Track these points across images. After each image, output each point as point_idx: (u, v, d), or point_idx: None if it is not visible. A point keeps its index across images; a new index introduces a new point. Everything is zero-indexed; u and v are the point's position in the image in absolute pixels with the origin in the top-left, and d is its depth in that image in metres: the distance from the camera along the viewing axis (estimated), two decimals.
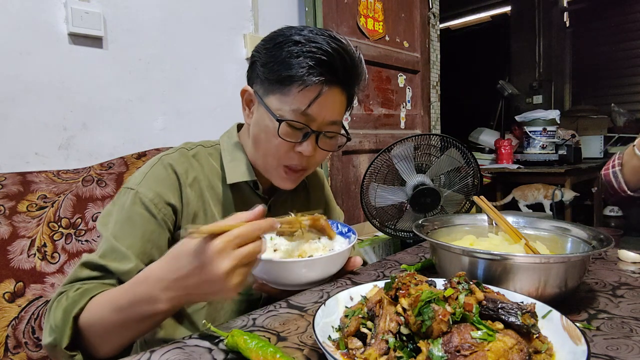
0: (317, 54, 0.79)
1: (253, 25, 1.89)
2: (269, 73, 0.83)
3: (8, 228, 0.98)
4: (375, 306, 0.53)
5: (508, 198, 3.38)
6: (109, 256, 0.75)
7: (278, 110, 0.82)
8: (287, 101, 0.81)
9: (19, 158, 1.28)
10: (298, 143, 0.84)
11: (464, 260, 0.70)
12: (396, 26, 2.58)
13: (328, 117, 0.84)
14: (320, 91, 0.80)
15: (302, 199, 1.07)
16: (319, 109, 0.82)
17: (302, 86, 0.79)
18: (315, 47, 0.79)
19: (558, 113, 3.51)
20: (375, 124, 2.45)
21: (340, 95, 0.85)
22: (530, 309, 0.48)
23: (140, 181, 0.82)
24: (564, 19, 4.82)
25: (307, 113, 0.81)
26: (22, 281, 0.96)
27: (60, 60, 1.35)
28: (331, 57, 0.80)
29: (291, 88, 0.80)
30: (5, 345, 0.93)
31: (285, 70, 0.80)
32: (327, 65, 0.80)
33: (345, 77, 0.84)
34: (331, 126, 0.86)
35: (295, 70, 0.79)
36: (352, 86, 0.87)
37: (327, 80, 0.80)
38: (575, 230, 0.83)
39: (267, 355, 0.51)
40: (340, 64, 0.81)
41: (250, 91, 0.89)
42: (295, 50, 0.79)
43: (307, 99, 0.80)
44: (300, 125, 0.82)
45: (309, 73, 0.78)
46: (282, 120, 0.81)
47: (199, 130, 1.70)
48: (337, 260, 0.80)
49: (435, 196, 1.22)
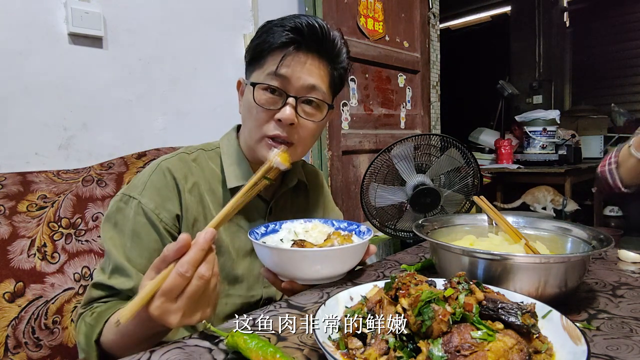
0: (292, 24, 0.83)
1: (253, 25, 1.89)
2: (251, 53, 0.87)
3: (8, 228, 0.98)
4: (375, 306, 0.53)
5: (517, 203, 3.35)
6: (116, 275, 0.78)
7: (258, 81, 0.85)
8: (263, 70, 0.84)
9: (19, 158, 1.28)
10: (277, 110, 0.84)
11: (464, 260, 0.70)
12: (396, 26, 2.57)
13: (303, 80, 0.84)
14: (288, 50, 0.82)
15: (303, 200, 1.07)
16: (291, 70, 0.83)
17: (272, 50, 0.83)
18: (293, 21, 0.84)
19: (558, 113, 3.51)
20: (375, 124, 2.45)
21: (315, 60, 0.86)
22: (530, 309, 0.48)
23: (142, 190, 0.83)
24: (564, 19, 4.83)
25: (279, 74, 0.83)
26: (22, 281, 0.96)
27: (60, 60, 1.35)
28: (301, 24, 0.83)
29: (266, 58, 0.84)
30: (5, 345, 0.93)
31: (262, 45, 0.84)
32: (296, 30, 0.83)
33: (315, 41, 0.85)
34: (311, 92, 0.86)
35: (270, 41, 0.83)
36: (328, 55, 0.87)
37: (295, 40, 0.82)
38: (575, 230, 0.83)
39: (267, 355, 0.51)
40: (309, 29, 0.84)
41: (242, 80, 0.93)
42: (273, 28, 0.84)
43: (277, 60, 0.83)
44: (275, 89, 0.84)
45: (278, 37, 0.82)
46: (255, 83, 0.84)
47: (199, 130, 1.70)
48: (354, 252, 0.81)
49: (435, 196, 1.22)
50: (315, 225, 0.89)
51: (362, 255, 0.84)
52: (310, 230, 0.87)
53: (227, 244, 0.88)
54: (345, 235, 0.86)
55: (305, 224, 0.90)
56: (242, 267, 0.90)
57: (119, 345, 0.70)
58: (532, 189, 3.31)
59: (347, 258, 0.80)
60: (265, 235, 0.87)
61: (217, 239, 0.86)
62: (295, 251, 0.76)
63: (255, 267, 0.91)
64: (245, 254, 0.91)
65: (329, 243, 0.82)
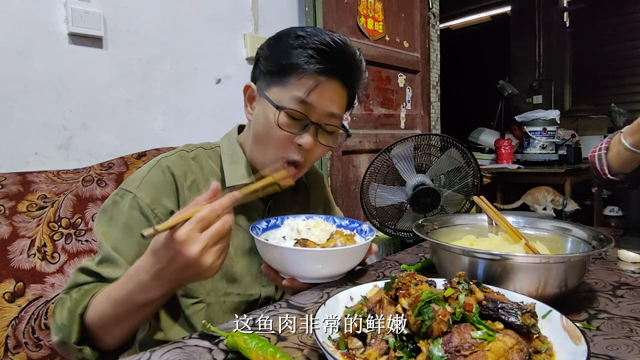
0: (317, 44, 0.81)
1: (253, 25, 1.89)
2: (270, 65, 0.84)
3: (8, 228, 0.98)
4: (375, 306, 0.53)
5: (517, 203, 3.35)
6: (104, 264, 0.78)
7: (278, 101, 0.83)
8: (287, 90, 0.82)
9: (19, 158, 1.28)
10: (297, 135, 0.84)
11: (464, 260, 0.70)
12: (396, 26, 2.57)
13: (327, 108, 0.84)
14: (319, 79, 0.81)
15: (302, 200, 1.07)
16: (318, 98, 0.82)
17: (302, 74, 0.81)
18: (317, 39, 0.81)
19: (558, 113, 3.51)
20: (375, 124, 2.45)
21: (339, 88, 0.85)
22: (530, 309, 0.48)
23: (138, 185, 0.83)
24: (564, 19, 4.82)
25: (306, 101, 0.82)
26: (22, 281, 0.96)
27: (60, 60, 1.35)
28: (331, 48, 0.81)
29: (291, 77, 0.82)
30: (5, 345, 0.93)
31: (285, 60, 0.82)
32: (327, 55, 0.81)
33: (344, 69, 0.84)
34: (331, 119, 0.86)
35: (296, 59, 0.81)
36: (352, 82, 0.88)
37: (326, 69, 0.81)
38: (575, 230, 0.83)
39: (267, 355, 0.51)
40: (339, 55, 0.83)
41: (253, 87, 0.90)
42: (297, 42, 0.81)
43: (306, 87, 0.81)
44: (299, 115, 0.83)
45: (308, 62, 0.80)
46: (282, 108, 0.82)
47: (199, 130, 1.70)
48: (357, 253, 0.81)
49: (435, 196, 1.22)
50: (317, 222, 0.89)
51: (364, 255, 0.84)
52: (312, 228, 0.87)
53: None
54: (348, 235, 0.86)
55: (307, 221, 0.90)
56: (240, 266, 0.90)
57: (107, 316, 0.69)
58: (532, 190, 3.31)
59: (350, 258, 0.80)
60: (266, 230, 0.87)
61: None
62: (298, 250, 0.76)
63: (253, 266, 0.91)
64: (244, 252, 0.91)
65: (332, 243, 0.82)
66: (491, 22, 5.71)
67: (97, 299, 0.72)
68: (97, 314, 0.71)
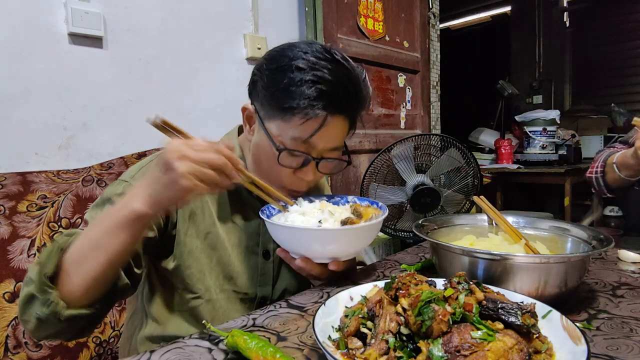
0: (320, 83, 0.76)
1: (253, 25, 1.89)
2: (270, 98, 0.80)
3: (8, 228, 0.98)
4: (375, 306, 0.53)
5: None
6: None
7: (278, 137, 0.81)
8: (288, 129, 0.80)
9: (19, 158, 1.28)
10: (298, 169, 0.84)
11: (464, 260, 0.70)
12: (396, 26, 2.57)
13: (330, 145, 0.83)
14: (323, 123, 0.79)
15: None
16: (321, 138, 0.81)
17: (305, 119, 0.77)
18: (318, 75, 0.77)
19: (558, 113, 3.51)
20: (375, 124, 2.45)
21: (342, 122, 0.83)
22: (530, 309, 0.48)
23: (134, 174, 0.83)
24: (564, 19, 4.82)
25: (308, 142, 0.81)
26: (22, 281, 0.96)
27: (60, 60, 1.35)
28: (334, 88, 0.78)
29: (293, 118, 0.78)
30: (5, 345, 0.93)
31: (287, 100, 0.77)
32: (330, 97, 0.77)
33: (348, 105, 0.82)
34: (332, 152, 0.86)
35: (297, 101, 0.76)
36: (356, 112, 0.86)
37: (330, 112, 0.78)
38: (575, 230, 0.83)
39: (267, 355, 0.51)
40: (343, 94, 0.79)
41: (251, 109, 0.87)
42: (298, 77, 0.77)
43: (309, 129, 0.79)
44: (301, 154, 0.82)
45: (311, 105, 0.76)
46: (283, 149, 0.80)
47: (199, 130, 1.68)
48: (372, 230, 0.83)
49: (435, 196, 1.22)
50: (323, 204, 0.90)
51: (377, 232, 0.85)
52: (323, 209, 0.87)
53: (223, 238, 0.89)
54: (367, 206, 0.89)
55: (314, 203, 0.89)
56: (237, 264, 0.90)
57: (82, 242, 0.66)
58: None
59: (365, 235, 0.82)
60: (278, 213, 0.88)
61: (214, 233, 0.87)
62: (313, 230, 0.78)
63: (249, 264, 0.91)
64: (240, 251, 0.91)
65: (369, 215, 0.86)
66: (491, 22, 5.71)
67: (79, 236, 0.68)
68: (75, 246, 0.67)
